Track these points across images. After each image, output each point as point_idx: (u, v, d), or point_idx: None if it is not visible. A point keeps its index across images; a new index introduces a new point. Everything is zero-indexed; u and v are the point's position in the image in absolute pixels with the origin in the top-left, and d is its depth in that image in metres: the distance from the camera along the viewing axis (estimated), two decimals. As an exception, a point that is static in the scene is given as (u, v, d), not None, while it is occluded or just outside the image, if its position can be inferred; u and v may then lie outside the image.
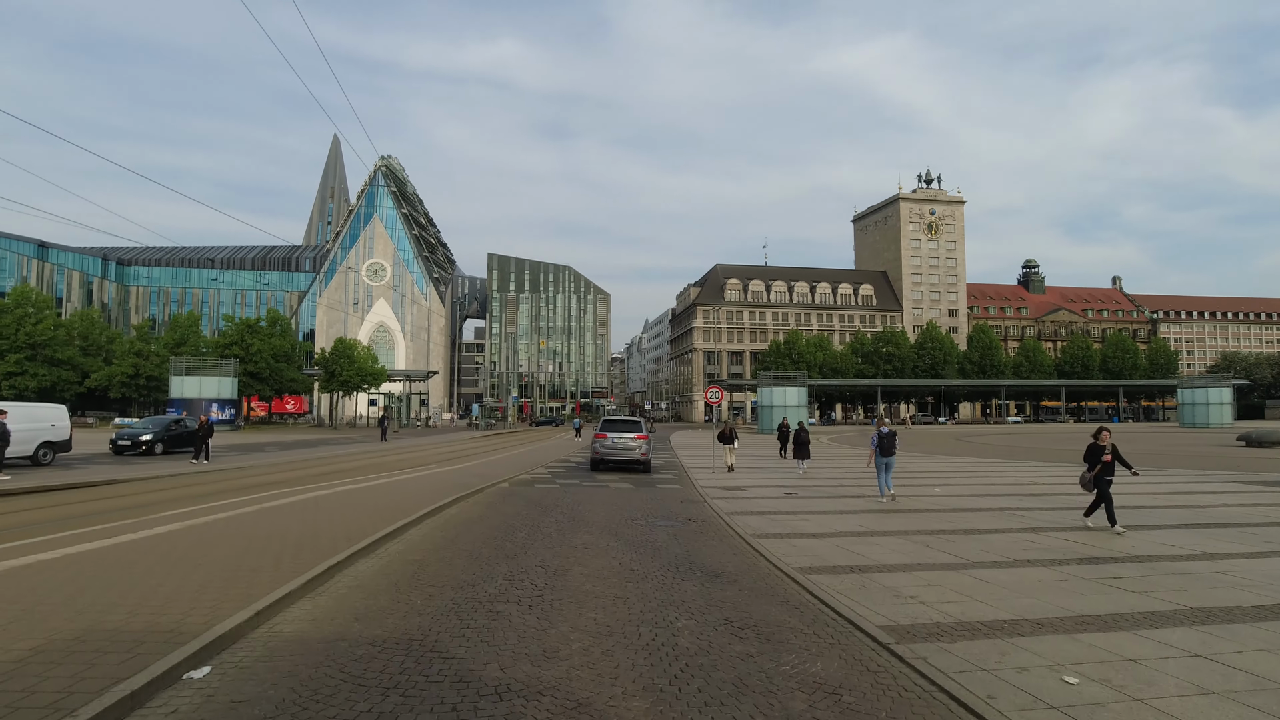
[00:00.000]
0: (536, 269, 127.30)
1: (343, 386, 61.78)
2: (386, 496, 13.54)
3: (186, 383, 50.57)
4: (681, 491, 16.45)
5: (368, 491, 14.41)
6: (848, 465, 26.19)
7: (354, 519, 10.51)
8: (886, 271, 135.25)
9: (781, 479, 19.94)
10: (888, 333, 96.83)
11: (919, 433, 62.18)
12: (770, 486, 17.36)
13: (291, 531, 9.38)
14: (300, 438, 44.29)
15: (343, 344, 62.27)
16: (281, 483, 16.27)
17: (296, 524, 10.04)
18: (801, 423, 25.89)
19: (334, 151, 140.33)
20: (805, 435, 23.56)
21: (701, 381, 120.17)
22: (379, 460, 25.05)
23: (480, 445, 37.66)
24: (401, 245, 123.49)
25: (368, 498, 13.31)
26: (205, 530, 9.42)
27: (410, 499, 13.17)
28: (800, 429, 23.88)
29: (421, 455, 28.34)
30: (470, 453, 30.58)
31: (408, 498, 13.35)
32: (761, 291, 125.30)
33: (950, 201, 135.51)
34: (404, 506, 11.94)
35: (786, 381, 61.35)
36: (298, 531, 9.39)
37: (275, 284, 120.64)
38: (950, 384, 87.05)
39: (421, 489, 15.07)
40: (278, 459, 24.91)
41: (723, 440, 24.21)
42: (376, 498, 13.35)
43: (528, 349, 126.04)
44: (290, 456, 26.20)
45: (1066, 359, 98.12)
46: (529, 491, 15.77)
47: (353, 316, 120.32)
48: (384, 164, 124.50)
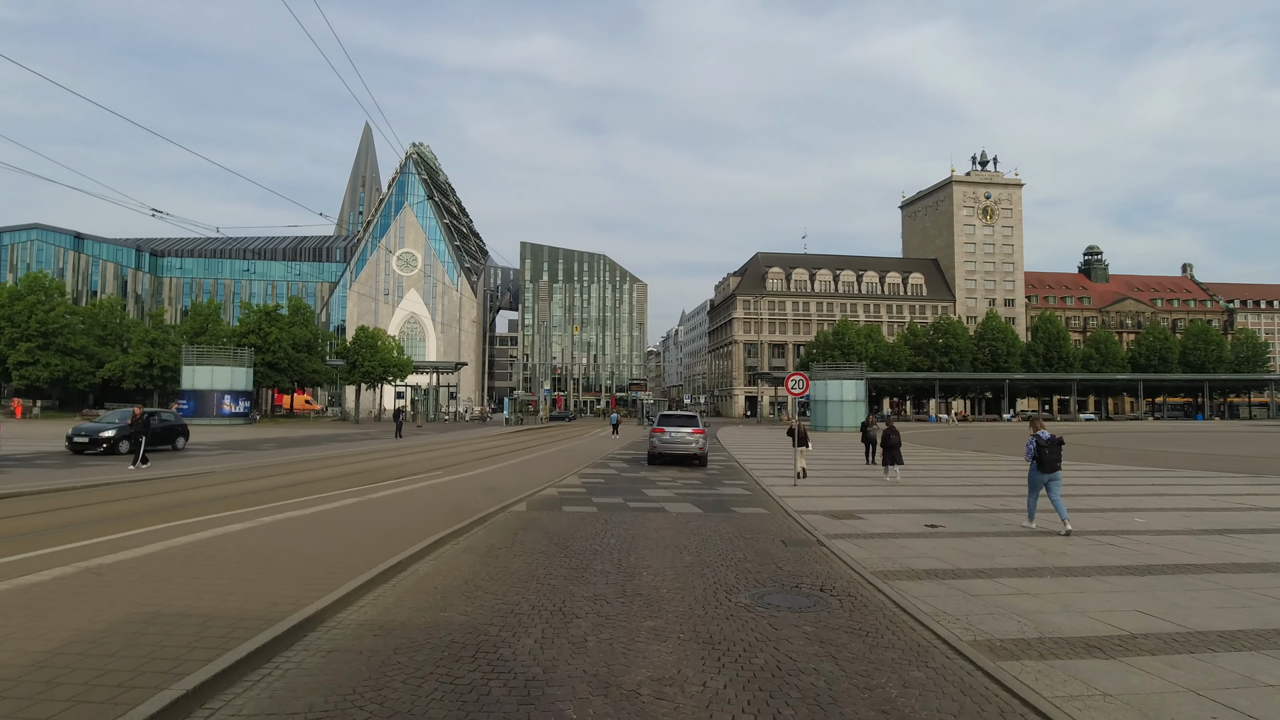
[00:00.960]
0: (571, 258, 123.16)
1: (365, 378, 58.14)
2: (335, 532, 9.04)
3: (198, 373, 47.33)
4: (770, 520, 11.64)
5: (318, 521, 9.92)
6: (944, 471, 21.02)
7: (242, 590, 6.02)
8: (938, 259, 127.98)
9: (882, 492, 15.05)
10: (944, 322, 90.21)
11: (994, 432, 56.20)
12: (889, 511, 12.41)
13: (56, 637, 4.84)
14: (311, 433, 40.56)
15: (365, 333, 58.66)
16: (211, 502, 11.92)
17: (84, 617, 5.52)
18: (889, 420, 20.93)
19: (365, 140, 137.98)
20: (896, 436, 18.87)
21: (742, 375, 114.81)
22: (378, 464, 20.74)
23: (505, 444, 33.31)
24: (433, 234, 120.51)
25: (307, 536, 8.81)
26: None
27: (371, 540, 8.62)
28: (890, 429, 19.05)
29: (433, 456, 24.02)
30: (491, 453, 26.19)
31: (368, 536, 8.82)
32: (805, 281, 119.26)
33: (1007, 184, 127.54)
34: (348, 560, 7.40)
35: (841, 374, 55.89)
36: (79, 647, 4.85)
37: (306, 274, 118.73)
38: (1017, 377, 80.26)
39: (400, 517, 10.54)
40: (256, 461, 20.76)
41: (796, 442, 19.48)
42: (318, 536, 8.84)
43: (561, 341, 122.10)
44: (274, 458, 22.07)
45: (1141, 351, 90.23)
46: (554, 521, 11.12)
47: (383, 307, 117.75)
48: (415, 151, 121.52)
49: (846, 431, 52.81)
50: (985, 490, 16.14)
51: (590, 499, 13.81)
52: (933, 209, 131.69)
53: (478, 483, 15.68)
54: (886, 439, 19.73)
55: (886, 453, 19.61)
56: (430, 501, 12.35)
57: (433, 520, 10.15)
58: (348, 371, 57.79)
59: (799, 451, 19.38)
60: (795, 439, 19.45)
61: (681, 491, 15.35)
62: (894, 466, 19.42)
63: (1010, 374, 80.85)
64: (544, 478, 17.17)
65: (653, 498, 14.22)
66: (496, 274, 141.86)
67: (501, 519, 11.13)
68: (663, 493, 15.01)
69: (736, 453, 29.28)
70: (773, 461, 24.51)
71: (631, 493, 15.03)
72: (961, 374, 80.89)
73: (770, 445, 36.07)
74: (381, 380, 63.72)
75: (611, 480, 17.55)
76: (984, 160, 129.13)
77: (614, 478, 18.14)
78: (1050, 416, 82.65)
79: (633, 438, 41.85)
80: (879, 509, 12.64)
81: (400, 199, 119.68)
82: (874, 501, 13.83)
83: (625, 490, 15.52)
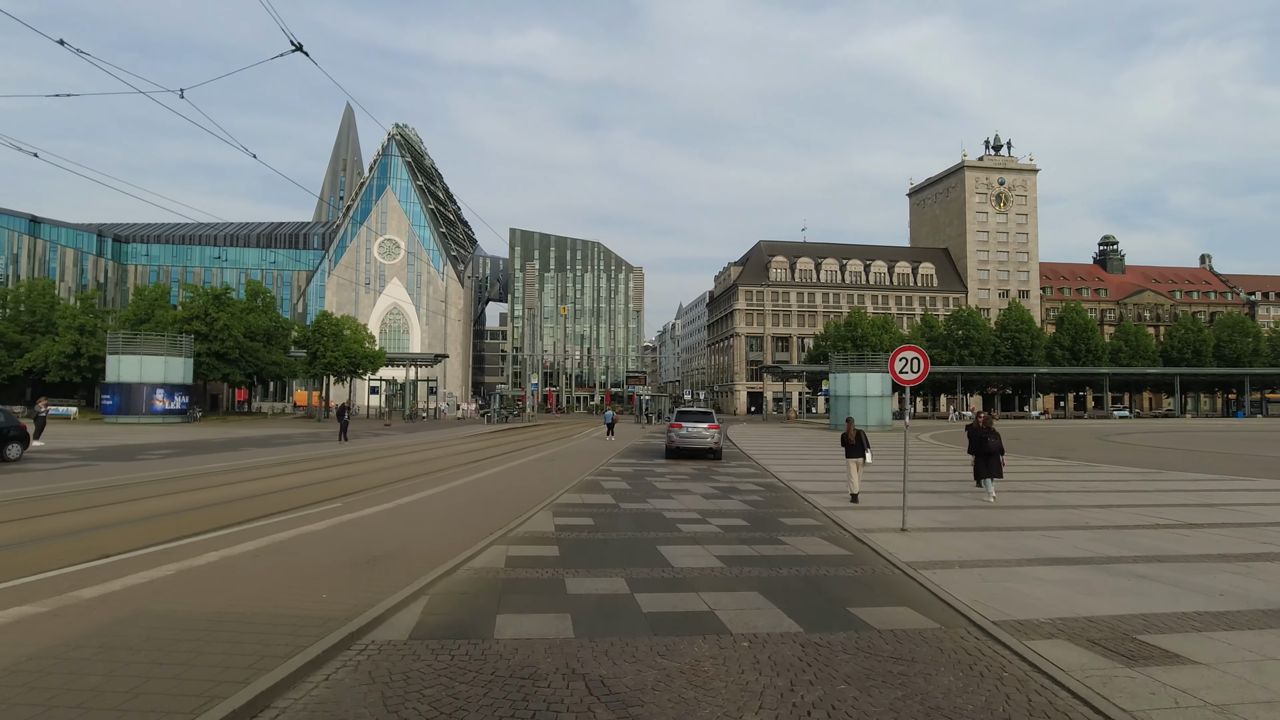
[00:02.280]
0: (563, 245, 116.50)
1: (327, 370, 51.51)
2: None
3: (124, 363, 40.70)
4: (951, 655, 5.28)
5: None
6: (1083, 491, 14.62)
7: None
8: (948, 249, 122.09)
9: (1012, 529, 8.66)
10: (964, 313, 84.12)
11: (1042, 430, 50.06)
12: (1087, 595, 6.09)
13: None
14: (251, 434, 34.04)
15: (328, 320, 52.02)
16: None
17: None
18: (987, 419, 14.77)
19: (346, 122, 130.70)
20: (997, 440, 13.85)
21: (744, 369, 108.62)
22: (260, 488, 14.31)
23: (475, 449, 26.91)
24: (417, 220, 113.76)
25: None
26: None
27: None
28: (989, 431, 14.01)
29: (362, 471, 17.62)
30: (448, 464, 19.81)
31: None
32: (810, 270, 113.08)
33: (1021, 170, 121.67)
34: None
35: (866, 367, 49.64)
36: None
37: (283, 262, 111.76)
38: (1050, 371, 74.17)
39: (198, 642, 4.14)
40: (87, 481, 14.27)
41: (850, 452, 13.56)
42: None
43: (554, 333, 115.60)
44: (129, 474, 15.58)
45: (1173, 344, 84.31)
46: (459, 681, 4.73)
47: (364, 296, 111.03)
48: (398, 133, 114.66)
49: (872, 431, 46.60)
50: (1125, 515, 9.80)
51: (564, 578, 7.39)
52: (943, 196, 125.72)
53: (374, 533, 9.26)
54: (983, 444, 13.88)
55: (983, 463, 13.90)
56: (314, 563, 5.98)
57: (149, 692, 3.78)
58: (308, 363, 51.18)
59: (855, 464, 13.41)
60: (852, 445, 13.55)
61: (729, 555, 8.81)
62: (989, 481, 13.85)
63: (1039, 368, 74.83)
64: (497, 517, 10.79)
65: (682, 574, 7.73)
66: (486, 264, 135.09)
67: (339, 679, 4.69)
68: (699, 559, 8.50)
69: (767, 460, 22.99)
70: (821, 475, 18.29)
71: (641, 554, 8.60)
72: (998, 368, 74.92)
73: (800, 448, 29.82)
74: (351, 373, 57.23)
75: (606, 520, 11.18)
76: (997, 145, 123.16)
77: (610, 514, 11.76)
78: (1080, 413, 76.72)
79: (631, 439, 35.50)
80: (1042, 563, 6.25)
81: (382, 182, 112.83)
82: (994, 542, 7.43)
83: (630, 545, 9.12)
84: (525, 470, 18.76)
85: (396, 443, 29.56)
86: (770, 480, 17.52)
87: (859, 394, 47.94)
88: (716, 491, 15.01)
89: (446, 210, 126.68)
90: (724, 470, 20.29)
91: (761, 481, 17.23)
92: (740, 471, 19.83)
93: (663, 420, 57.93)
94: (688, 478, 17.88)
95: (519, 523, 10.26)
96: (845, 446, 13.95)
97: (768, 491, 15.18)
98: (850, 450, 13.87)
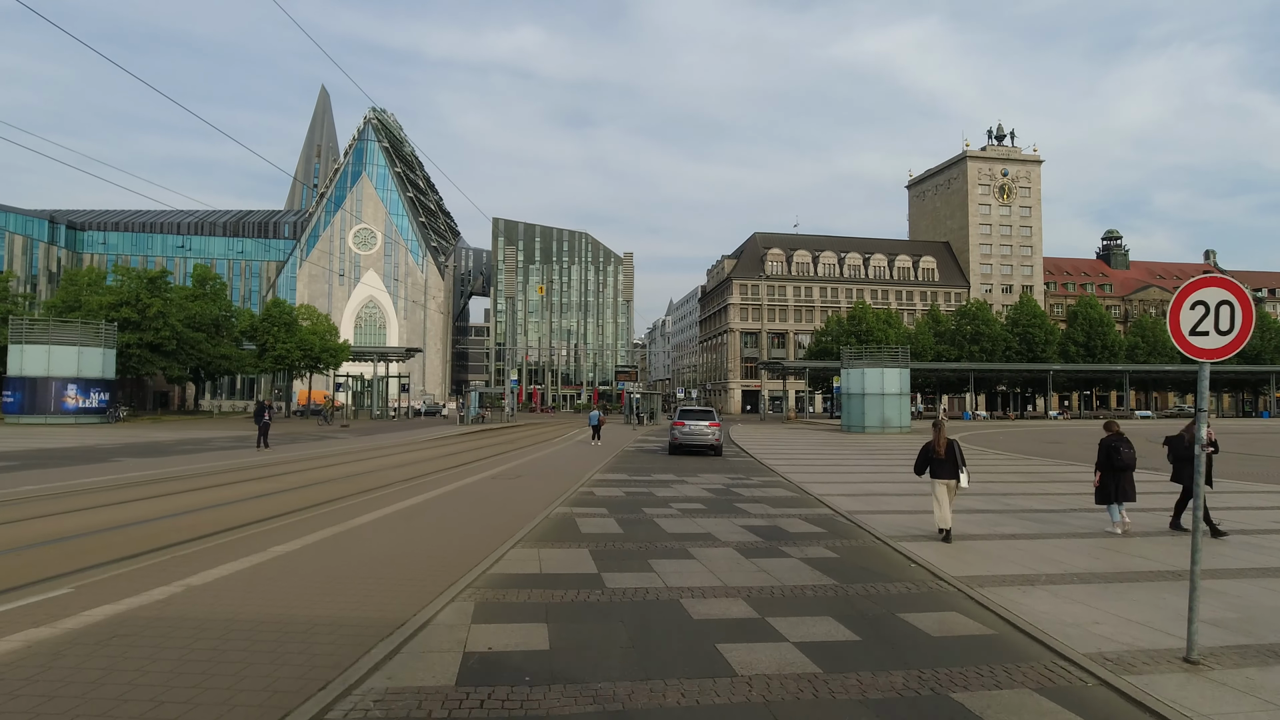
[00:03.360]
0: (549, 236, 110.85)
1: (278, 364, 45.77)
2: None
3: (29, 354, 34.90)
4: None
5: None
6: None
7: None
8: (949, 243, 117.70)
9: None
10: (973, 307, 79.44)
11: (1078, 432, 45.22)
12: None
13: None
14: (163, 438, 28.40)
15: (280, 309, 46.29)
16: None
17: None
18: (1114, 426, 9.59)
19: (321, 106, 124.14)
20: (1132, 454, 9.95)
21: (738, 367, 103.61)
22: (82, 522, 8.88)
23: (428, 459, 21.53)
24: (395, 209, 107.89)
25: None
26: None
27: None
28: (1122, 440, 10.00)
29: (240, 499, 12.21)
30: (377, 485, 14.41)
31: None
32: (807, 264, 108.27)
33: (1025, 160, 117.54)
34: None
35: (882, 362, 44.60)
36: None
37: (251, 252, 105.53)
38: (1069, 369, 69.46)
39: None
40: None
41: (937, 470, 8.23)
42: None
43: (539, 328, 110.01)
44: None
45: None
46: None
47: (338, 289, 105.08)
48: (375, 117, 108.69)
49: (890, 434, 41.67)
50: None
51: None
52: (944, 188, 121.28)
53: (264, 598, 3.87)
54: (1115, 456, 9.90)
55: (1112, 480, 9.96)
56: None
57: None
58: (257, 356, 45.40)
59: (945, 489, 8.27)
60: (940, 461, 8.47)
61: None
62: (1118, 507, 10.06)
63: (1056, 365, 70.19)
64: (415, 587, 5.47)
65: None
66: (469, 256, 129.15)
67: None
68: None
69: (796, 474, 17.75)
70: (877, 494, 13.10)
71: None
72: (1011, 365, 70.18)
73: (824, 455, 24.68)
74: (310, 368, 51.56)
75: (575, 629, 5.86)
76: (1000, 135, 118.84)
77: (584, 609, 6.43)
78: (1102, 412, 72.16)
79: (621, 443, 30.23)
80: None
81: (358, 169, 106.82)
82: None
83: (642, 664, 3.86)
84: (472, 497, 13.40)
85: (332, 451, 24.09)
86: (820, 510, 12.30)
87: (874, 391, 42.89)
88: (756, 539, 9.72)
89: (427, 200, 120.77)
90: (748, 490, 15.12)
91: (811, 513, 11.99)
92: (771, 494, 14.63)
93: (654, 420, 52.78)
94: (703, 507, 12.67)
95: (451, 587, 5.03)
96: (930, 463, 9.29)
97: (830, 536, 9.89)
98: (937, 468, 9.19)
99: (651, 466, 20.10)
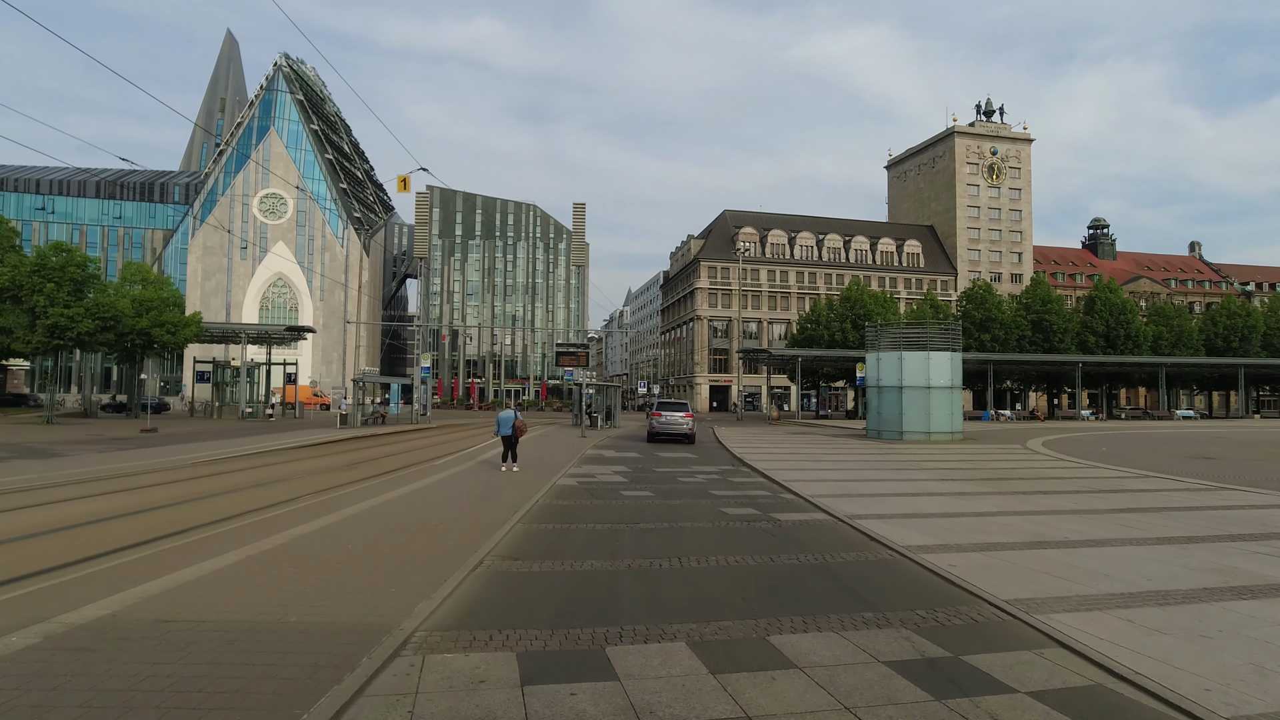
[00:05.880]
0: (492, 208, 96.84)
1: (53, 339, 31.15)
2: None
3: None
4: None
5: None
6: None
7: None
8: (934, 226, 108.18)
9: None
10: (978, 290, 68.98)
11: (1148, 436, 34.06)
12: None
13: None
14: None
15: (56, 252, 31.63)
16: None
17: None
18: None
19: (226, 53, 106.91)
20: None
21: (705, 359, 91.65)
22: None
23: (137, 510, 8.21)
24: (310, 172, 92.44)
25: None
26: None
27: None
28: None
29: None
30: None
31: None
32: (783, 245, 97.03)
33: (1015, 139, 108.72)
34: None
35: (927, 342, 32.76)
36: None
37: (131, 218, 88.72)
38: (1105, 360, 59.20)
39: None
40: None
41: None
42: None
43: (478, 313, 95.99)
44: None
45: (1218, 331, 71.24)
46: None
47: (239, 264, 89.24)
48: (288, 66, 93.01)
49: (937, 441, 29.94)
50: None
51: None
52: (928, 167, 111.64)
53: None
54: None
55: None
56: None
57: None
58: (27, 327, 30.74)
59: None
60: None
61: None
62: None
63: (1083, 356, 59.99)
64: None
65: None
66: (404, 235, 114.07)
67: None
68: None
69: (909, 534, 5.04)
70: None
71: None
72: (1030, 356, 59.77)
73: (897, 480, 11.96)
74: (139, 349, 37.31)
75: None
76: (989, 110, 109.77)
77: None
78: (1122, 411, 62.27)
79: (558, 464, 17.12)
80: None
81: (265, 123, 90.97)
82: None
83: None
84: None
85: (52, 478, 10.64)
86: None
87: (915, 384, 30.97)
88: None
89: (353, 166, 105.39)
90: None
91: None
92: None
93: (613, 422, 40.19)
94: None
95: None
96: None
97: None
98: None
99: (611, 547, 7.58)
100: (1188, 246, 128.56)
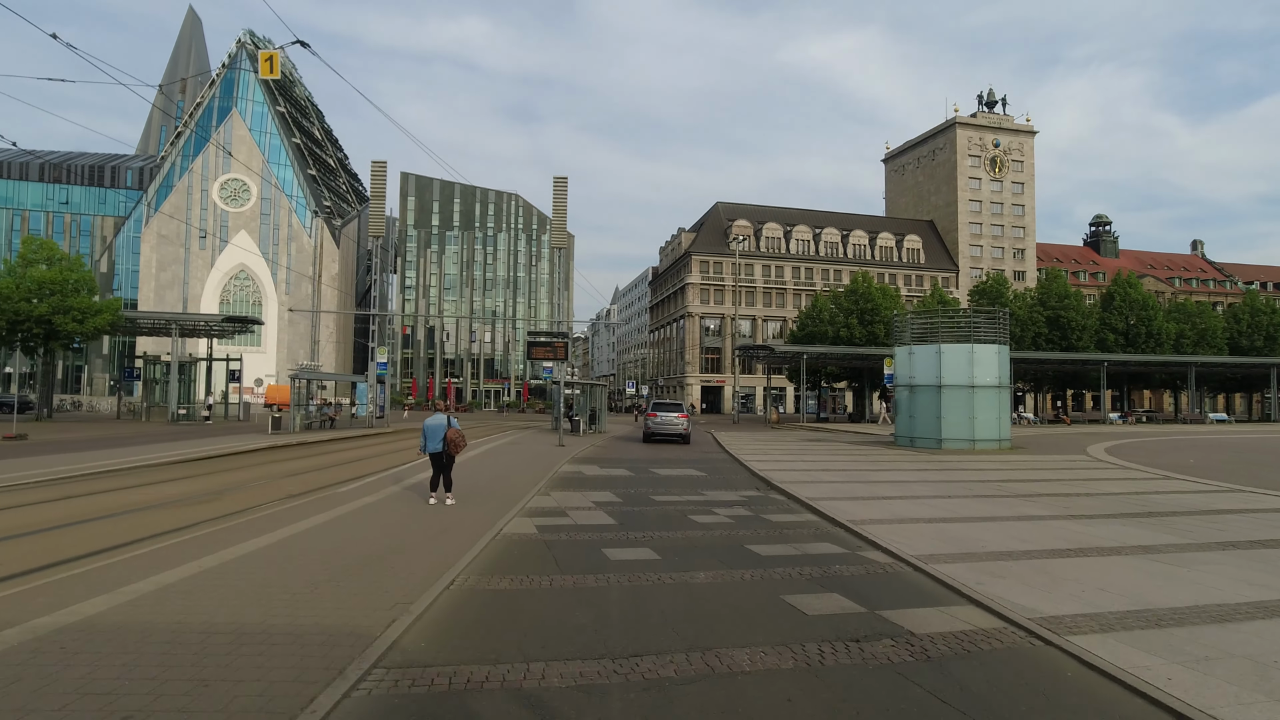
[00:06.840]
0: (471, 197, 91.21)
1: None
2: None
3: None
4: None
5: None
6: None
7: None
8: (934, 221, 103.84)
9: None
10: (990, 283, 64.36)
11: (1201, 443, 29.23)
12: None
13: None
14: None
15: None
16: None
17: None
18: None
19: (188, 30, 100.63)
20: None
21: (697, 358, 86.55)
22: None
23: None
24: (276, 157, 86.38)
25: None
26: None
27: None
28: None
29: None
30: None
31: None
32: (779, 239, 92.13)
33: (1019, 131, 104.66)
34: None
35: (970, 333, 27.77)
36: None
37: (79, 204, 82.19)
38: (1134, 359, 54.64)
39: None
40: None
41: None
42: None
43: (456, 308, 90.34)
44: None
45: (1242, 329, 67.13)
46: None
47: (197, 254, 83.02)
48: (251, 41, 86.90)
49: (983, 450, 25.02)
50: None
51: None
52: (928, 160, 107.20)
53: None
54: None
55: None
56: None
57: None
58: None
59: None
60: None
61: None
62: None
63: (1110, 355, 55.45)
64: None
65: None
66: (385, 226, 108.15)
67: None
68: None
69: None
70: None
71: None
72: (1052, 353, 55.22)
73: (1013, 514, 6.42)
74: (38, 339, 31.69)
75: None
76: (990, 101, 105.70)
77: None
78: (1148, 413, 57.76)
79: (500, 500, 11.63)
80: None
81: (226, 104, 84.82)
82: None
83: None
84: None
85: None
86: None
87: (957, 382, 25.95)
88: None
89: (323, 153, 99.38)
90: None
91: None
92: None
93: (597, 426, 34.88)
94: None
95: None
96: None
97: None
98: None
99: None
100: (1189, 245, 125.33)
